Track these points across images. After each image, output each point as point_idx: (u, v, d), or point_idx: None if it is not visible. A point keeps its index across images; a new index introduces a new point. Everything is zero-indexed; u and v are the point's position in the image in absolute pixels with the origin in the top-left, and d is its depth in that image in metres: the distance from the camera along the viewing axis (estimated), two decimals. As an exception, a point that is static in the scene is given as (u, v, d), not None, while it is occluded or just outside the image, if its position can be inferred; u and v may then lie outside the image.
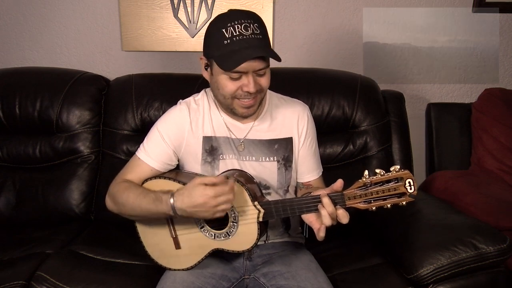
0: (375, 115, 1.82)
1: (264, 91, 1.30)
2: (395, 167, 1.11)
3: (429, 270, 1.32)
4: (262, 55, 1.19)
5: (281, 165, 1.38)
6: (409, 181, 1.10)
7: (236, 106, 1.28)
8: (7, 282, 1.34)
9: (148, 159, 1.33)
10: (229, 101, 1.28)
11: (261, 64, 1.21)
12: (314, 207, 1.16)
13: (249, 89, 1.22)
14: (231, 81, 1.23)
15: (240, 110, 1.29)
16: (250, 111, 1.30)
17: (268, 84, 1.28)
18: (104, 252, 1.51)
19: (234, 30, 1.18)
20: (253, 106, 1.28)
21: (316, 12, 2.10)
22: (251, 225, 1.23)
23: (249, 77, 1.22)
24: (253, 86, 1.22)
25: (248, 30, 1.18)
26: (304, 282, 1.24)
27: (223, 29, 1.19)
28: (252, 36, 1.18)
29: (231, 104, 1.28)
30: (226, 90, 1.25)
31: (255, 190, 1.26)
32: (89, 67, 2.05)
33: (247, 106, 1.27)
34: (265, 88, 1.28)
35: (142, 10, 2.04)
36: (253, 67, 1.20)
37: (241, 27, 1.18)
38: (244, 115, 1.30)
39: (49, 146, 1.79)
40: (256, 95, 1.26)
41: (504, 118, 2.00)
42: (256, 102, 1.28)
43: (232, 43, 1.18)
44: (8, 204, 1.74)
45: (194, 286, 1.23)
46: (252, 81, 1.22)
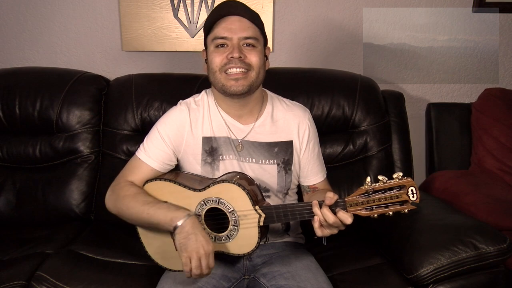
0: (375, 115, 1.82)
1: (254, 69, 1.29)
2: (398, 174, 1.10)
3: (429, 270, 1.32)
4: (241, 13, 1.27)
5: (281, 168, 1.38)
6: (411, 189, 1.10)
7: (225, 80, 1.28)
8: (7, 282, 1.34)
9: (148, 159, 1.34)
10: (218, 77, 1.29)
11: (246, 31, 1.26)
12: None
13: (233, 53, 1.25)
14: (218, 52, 1.28)
15: (228, 83, 1.28)
16: (239, 85, 1.28)
17: (258, 62, 1.29)
18: (104, 252, 1.51)
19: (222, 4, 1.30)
20: (241, 79, 1.27)
21: (316, 12, 2.10)
22: (251, 229, 1.23)
23: (233, 42, 1.26)
24: (237, 51, 1.25)
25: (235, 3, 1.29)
26: (304, 282, 1.25)
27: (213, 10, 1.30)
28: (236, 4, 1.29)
29: (220, 79, 1.29)
30: (214, 62, 1.28)
31: (256, 193, 1.26)
32: (89, 67, 2.05)
33: (234, 78, 1.27)
34: (254, 65, 1.28)
35: (142, 10, 2.04)
36: (236, 32, 1.25)
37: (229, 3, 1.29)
38: (233, 88, 1.28)
39: (49, 146, 1.79)
40: (245, 71, 1.27)
41: (504, 118, 2.00)
42: (245, 77, 1.28)
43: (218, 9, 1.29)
44: (8, 204, 1.74)
45: (194, 286, 1.23)
46: (236, 47, 1.26)
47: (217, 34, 1.28)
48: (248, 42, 1.27)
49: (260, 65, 1.29)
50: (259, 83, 1.33)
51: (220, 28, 1.27)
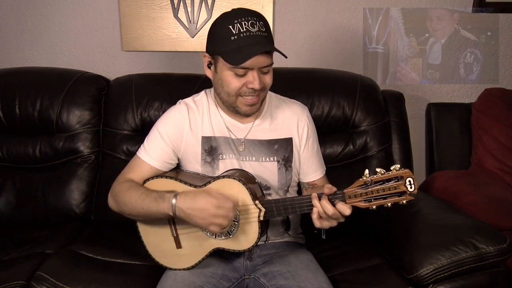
0: (375, 115, 1.82)
1: (267, 89, 1.31)
2: (396, 166, 1.12)
3: (429, 270, 1.32)
4: (270, 49, 1.22)
5: (281, 165, 1.38)
6: (409, 180, 1.11)
7: (240, 104, 1.29)
8: (7, 282, 1.34)
9: (149, 158, 1.34)
10: (232, 99, 1.28)
11: (267, 60, 1.23)
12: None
13: (255, 85, 1.23)
14: (236, 78, 1.24)
15: (243, 108, 1.29)
16: (253, 109, 1.30)
17: (271, 82, 1.29)
18: (104, 252, 1.51)
19: (241, 26, 1.19)
20: (256, 104, 1.29)
21: (316, 12, 2.10)
22: (252, 224, 1.23)
23: (254, 74, 1.23)
24: (258, 83, 1.23)
25: (254, 27, 1.20)
26: (304, 282, 1.25)
27: (230, 26, 1.20)
28: (259, 33, 1.20)
29: (234, 102, 1.29)
30: (231, 87, 1.25)
31: (256, 190, 1.27)
32: (89, 67, 2.05)
33: (251, 103, 1.28)
34: (268, 86, 1.29)
35: (142, 10, 2.04)
36: (259, 64, 1.22)
37: (248, 23, 1.20)
38: (247, 113, 1.31)
39: (49, 146, 1.79)
40: (259, 93, 1.27)
41: (504, 118, 2.00)
42: (259, 100, 1.29)
43: (240, 39, 1.19)
44: (8, 204, 1.74)
45: (194, 286, 1.23)
46: (257, 78, 1.23)
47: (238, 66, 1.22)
48: (266, 70, 1.25)
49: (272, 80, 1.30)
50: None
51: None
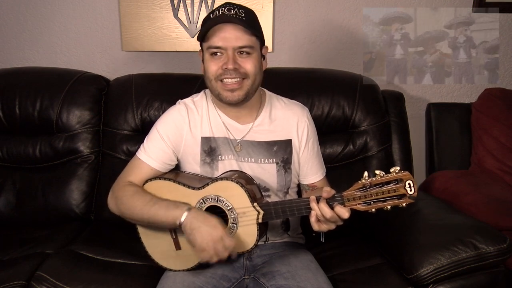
0: (375, 115, 1.82)
1: (249, 77, 1.28)
2: (395, 168, 1.10)
3: (429, 270, 1.32)
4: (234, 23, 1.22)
5: (280, 167, 1.38)
6: (409, 182, 1.10)
7: (220, 90, 1.28)
8: (7, 282, 1.34)
9: (149, 159, 1.34)
10: (214, 85, 1.29)
11: (241, 40, 1.23)
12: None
13: (228, 65, 1.23)
14: (213, 61, 1.26)
15: (224, 93, 1.28)
16: (235, 96, 1.28)
17: (253, 69, 1.27)
18: (104, 252, 1.51)
19: (218, 11, 1.25)
20: (237, 90, 1.27)
21: (316, 12, 2.10)
22: (250, 226, 1.23)
23: (229, 53, 1.24)
24: (232, 63, 1.23)
25: (231, 11, 1.24)
26: (304, 282, 1.24)
27: (211, 14, 1.26)
28: (234, 16, 1.23)
29: (216, 88, 1.29)
30: (209, 70, 1.27)
31: (254, 192, 1.26)
32: (89, 67, 2.05)
33: (230, 89, 1.27)
34: (250, 73, 1.27)
35: (142, 10, 2.04)
36: (232, 42, 1.23)
37: (225, 9, 1.24)
38: (229, 99, 1.29)
39: (49, 146, 1.79)
40: (240, 80, 1.26)
41: (504, 118, 2.00)
42: (241, 87, 1.27)
43: (214, 19, 1.24)
44: (8, 204, 1.74)
45: (194, 286, 1.23)
46: (231, 58, 1.24)
47: (211, 44, 1.25)
48: (243, 50, 1.25)
49: (256, 72, 1.28)
50: (255, 89, 1.32)
51: (215, 37, 1.24)
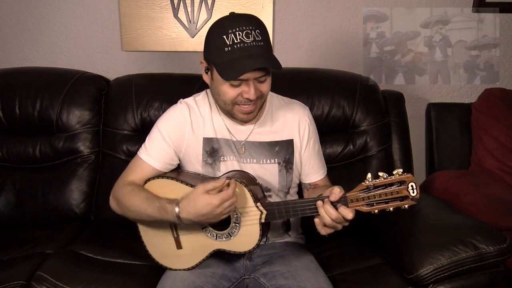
0: (375, 115, 1.82)
1: (264, 97, 1.30)
2: (398, 170, 1.11)
3: (429, 270, 1.32)
4: (262, 66, 1.19)
5: (282, 167, 1.38)
6: (411, 184, 1.10)
7: (236, 112, 1.28)
8: (7, 282, 1.34)
9: (150, 159, 1.33)
10: (229, 107, 1.28)
11: (262, 72, 1.21)
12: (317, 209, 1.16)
13: (250, 96, 1.22)
14: (231, 88, 1.23)
15: (240, 115, 1.29)
16: (250, 117, 1.30)
17: (268, 89, 1.28)
18: (104, 252, 1.51)
19: (235, 37, 1.17)
20: (253, 112, 1.29)
21: (316, 12, 2.10)
22: (253, 226, 1.23)
23: (250, 84, 1.22)
24: (254, 94, 1.22)
25: (249, 37, 1.17)
26: (304, 282, 1.25)
27: (224, 36, 1.17)
28: (254, 44, 1.17)
29: (231, 109, 1.29)
30: (227, 96, 1.25)
31: (257, 192, 1.26)
32: (89, 67, 2.05)
33: (247, 112, 1.28)
34: (265, 94, 1.28)
35: (142, 10, 2.04)
36: (254, 76, 1.21)
37: (243, 34, 1.17)
38: (244, 120, 1.31)
39: (49, 146, 1.79)
40: (256, 101, 1.26)
41: (504, 118, 2.00)
42: (256, 107, 1.28)
43: (233, 50, 1.17)
44: (8, 204, 1.74)
45: (194, 286, 1.23)
46: (252, 89, 1.22)
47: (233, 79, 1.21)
48: (262, 79, 1.23)
49: (269, 88, 1.28)
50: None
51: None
